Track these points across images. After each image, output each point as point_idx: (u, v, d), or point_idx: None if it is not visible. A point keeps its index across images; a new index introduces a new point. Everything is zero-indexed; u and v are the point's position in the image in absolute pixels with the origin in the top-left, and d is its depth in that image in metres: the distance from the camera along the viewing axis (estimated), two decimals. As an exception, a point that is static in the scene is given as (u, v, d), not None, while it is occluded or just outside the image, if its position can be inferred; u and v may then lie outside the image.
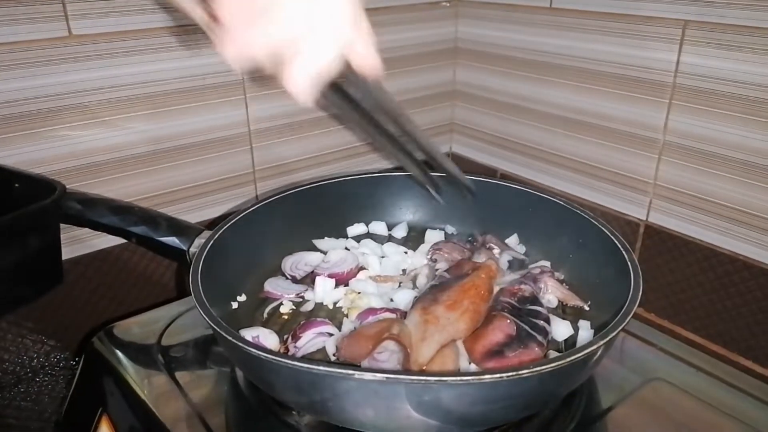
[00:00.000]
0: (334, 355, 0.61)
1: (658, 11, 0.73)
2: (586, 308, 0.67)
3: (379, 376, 0.46)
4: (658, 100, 0.76)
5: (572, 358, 0.48)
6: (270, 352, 0.50)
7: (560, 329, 0.63)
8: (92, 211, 0.68)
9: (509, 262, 0.75)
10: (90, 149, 0.74)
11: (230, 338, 0.51)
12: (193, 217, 0.83)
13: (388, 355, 0.57)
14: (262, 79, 0.83)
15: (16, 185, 0.61)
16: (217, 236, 0.67)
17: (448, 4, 0.99)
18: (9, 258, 0.54)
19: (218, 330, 0.52)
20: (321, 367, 0.47)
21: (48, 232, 0.58)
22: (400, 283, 0.72)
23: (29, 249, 0.56)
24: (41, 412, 0.80)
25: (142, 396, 0.62)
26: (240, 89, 0.83)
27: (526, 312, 0.60)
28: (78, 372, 0.72)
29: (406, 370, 0.54)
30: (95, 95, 0.72)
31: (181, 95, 0.78)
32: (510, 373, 0.46)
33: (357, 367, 0.55)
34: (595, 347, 0.49)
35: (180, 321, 0.72)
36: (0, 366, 0.76)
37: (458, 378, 0.49)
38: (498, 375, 0.46)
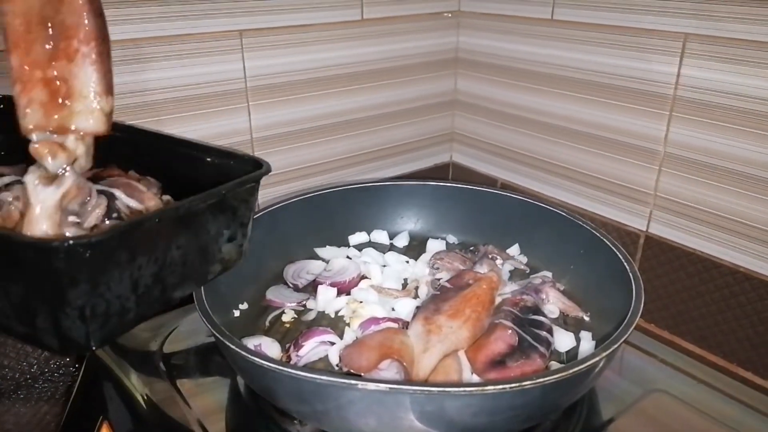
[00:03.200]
0: (337, 365, 0.61)
1: (658, 24, 0.74)
2: (587, 319, 0.67)
3: (383, 386, 0.46)
4: (658, 112, 0.76)
5: (575, 369, 0.48)
6: (273, 361, 0.50)
7: (563, 340, 0.63)
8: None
9: (510, 272, 0.75)
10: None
11: (233, 347, 0.51)
12: (194, 225, 0.83)
13: (388, 362, 0.57)
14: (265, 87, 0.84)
15: (208, 159, 0.62)
16: (219, 244, 0.67)
17: (449, 15, 0.99)
18: (222, 225, 0.55)
19: (221, 338, 0.52)
20: (324, 377, 0.47)
21: (250, 206, 0.60)
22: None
23: (236, 219, 0.57)
24: (41, 419, 0.80)
25: (143, 403, 0.62)
26: (243, 97, 0.83)
27: (528, 322, 0.61)
28: (79, 379, 0.71)
29: (410, 381, 0.54)
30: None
31: (184, 103, 0.79)
32: (513, 384, 0.46)
33: (359, 376, 0.55)
34: (597, 359, 0.50)
35: (182, 328, 0.72)
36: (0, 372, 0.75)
37: (461, 389, 0.49)
38: (501, 386, 0.46)
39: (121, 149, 0.60)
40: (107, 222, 0.51)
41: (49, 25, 0.44)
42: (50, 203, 0.46)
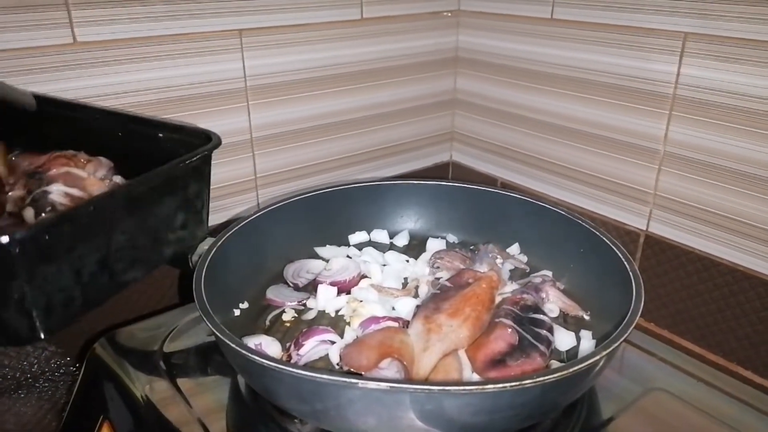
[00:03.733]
0: (337, 364, 0.61)
1: (658, 23, 0.74)
2: (587, 318, 0.68)
3: (383, 385, 0.46)
4: (658, 111, 0.76)
5: (575, 368, 0.48)
6: (273, 360, 0.50)
7: (563, 339, 0.63)
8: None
9: (510, 271, 0.75)
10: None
11: (234, 346, 0.51)
12: (194, 224, 0.83)
13: (388, 362, 0.57)
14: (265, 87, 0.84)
15: (161, 135, 0.62)
16: (220, 243, 0.67)
17: (449, 14, 0.99)
18: (171, 205, 0.55)
19: (222, 338, 0.52)
20: (324, 376, 0.47)
21: (204, 181, 0.59)
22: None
23: (189, 196, 0.57)
24: (41, 418, 0.80)
25: (144, 402, 0.62)
26: (243, 97, 0.83)
27: (529, 321, 0.61)
28: (79, 378, 0.71)
29: (410, 380, 0.54)
30: (101, 101, 0.73)
31: (186, 102, 0.79)
32: (513, 383, 0.46)
33: (360, 375, 0.55)
34: (597, 357, 0.50)
35: (182, 328, 0.72)
36: (0, 372, 0.76)
37: (461, 387, 0.49)
38: (501, 385, 0.46)
39: (73, 129, 0.60)
40: (43, 216, 0.52)
41: None
42: None
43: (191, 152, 0.56)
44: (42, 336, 0.48)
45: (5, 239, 0.43)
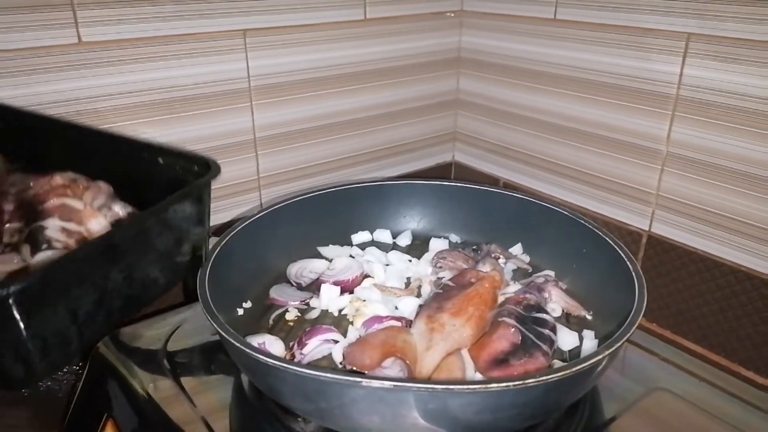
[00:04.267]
0: (341, 363, 0.61)
1: (661, 24, 0.74)
2: (589, 317, 0.68)
3: (387, 384, 0.46)
4: (661, 111, 0.77)
5: (578, 367, 0.48)
6: (278, 358, 0.50)
7: (566, 339, 0.63)
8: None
9: (513, 271, 0.76)
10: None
11: (238, 344, 0.52)
12: (198, 223, 0.83)
13: (391, 361, 0.58)
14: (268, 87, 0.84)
15: (160, 160, 0.61)
16: (224, 242, 0.67)
17: (452, 14, 0.99)
18: (171, 237, 0.55)
19: (226, 336, 0.53)
20: (329, 375, 0.48)
21: (202, 211, 0.59)
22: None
23: (190, 228, 0.57)
24: (44, 417, 0.80)
25: (148, 401, 0.62)
26: (246, 97, 0.83)
27: (532, 320, 0.61)
28: (83, 376, 0.72)
29: (414, 378, 0.54)
30: (106, 101, 0.73)
31: (193, 102, 0.79)
32: (517, 382, 0.46)
33: (363, 374, 0.55)
34: (601, 357, 0.50)
35: (186, 326, 0.72)
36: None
37: (465, 386, 0.49)
38: (505, 384, 0.47)
39: (76, 151, 0.60)
40: (40, 254, 0.52)
41: None
42: None
43: (190, 181, 0.56)
44: (37, 380, 0.48)
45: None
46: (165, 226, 0.55)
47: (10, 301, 0.43)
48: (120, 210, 0.61)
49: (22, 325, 0.45)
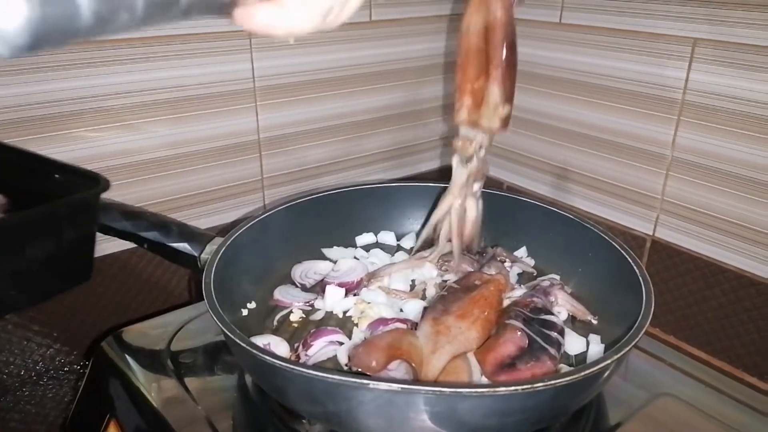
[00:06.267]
0: (346, 365, 0.61)
1: (668, 29, 0.74)
2: (595, 322, 0.68)
3: (395, 386, 0.46)
4: (666, 116, 0.77)
5: (587, 372, 0.48)
6: (284, 359, 0.50)
7: (573, 343, 0.63)
8: (104, 216, 0.68)
9: (518, 275, 0.75)
10: (106, 153, 0.74)
11: (244, 345, 0.51)
12: (199, 224, 0.83)
13: (397, 363, 0.57)
14: (273, 86, 0.84)
15: (57, 176, 0.60)
16: (228, 243, 0.67)
17: (457, 17, 0.99)
18: (45, 247, 0.54)
19: (232, 337, 0.52)
20: (336, 376, 0.47)
21: (86, 225, 0.58)
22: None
23: (65, 240, 0.56)
24: (45, 416, 0.80)
25: (151, 401, 0.61)
26: (251, 97, 0.83)
27: (539, 323, 0.61)
28: (86, 376, 0.71)
29: (422, 381, 0.54)
30: (117, 99, 0.73)
31: (198, 102, 0.79)
32: (525, 386, 0.46)
33: (368, 377, 0.55)
34: (609, 362, 0.50)
35: (189, 327, 0.71)
36: (5, 369, 0.75)
37: (473, 390, 0.49)
38: (513, 387, 0.46)
39: None
40: None
41: (478, 53, 0.61)
42: (461, 179, 0.67)
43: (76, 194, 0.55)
44: None
45: None
46: (41, 231, 0.54)
47: None
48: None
49: None
